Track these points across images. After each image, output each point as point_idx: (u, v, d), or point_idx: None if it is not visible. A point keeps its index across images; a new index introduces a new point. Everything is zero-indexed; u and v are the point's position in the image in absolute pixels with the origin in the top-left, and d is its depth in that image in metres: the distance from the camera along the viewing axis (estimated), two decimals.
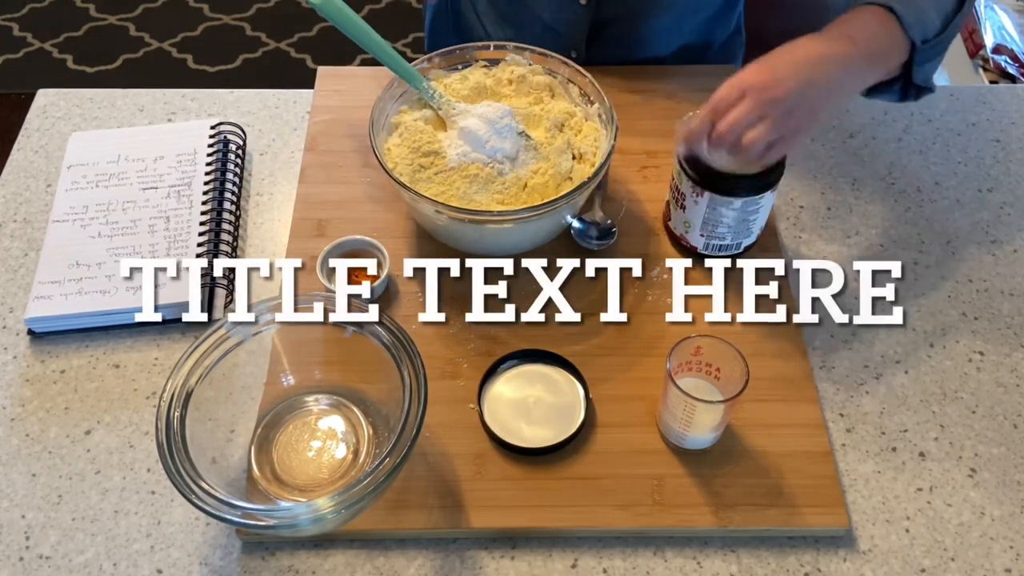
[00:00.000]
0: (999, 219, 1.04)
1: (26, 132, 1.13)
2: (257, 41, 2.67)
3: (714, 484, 0.81)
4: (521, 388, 0.87)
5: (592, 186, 0.91)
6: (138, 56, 2.62)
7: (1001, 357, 0.92)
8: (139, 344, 0.93)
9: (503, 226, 0.91)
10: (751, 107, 0.79)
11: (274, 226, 1.03)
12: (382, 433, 0.83)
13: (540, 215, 0.89)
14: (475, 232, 0.92)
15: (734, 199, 0.89)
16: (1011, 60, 1.99)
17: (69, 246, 0.98)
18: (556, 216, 0.92)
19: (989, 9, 2.10)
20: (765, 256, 0.98)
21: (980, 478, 0.84)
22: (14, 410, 0.88)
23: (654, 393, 0.86)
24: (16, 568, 0.79)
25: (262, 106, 1.16)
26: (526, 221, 0.90)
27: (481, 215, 0.90)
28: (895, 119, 1.15)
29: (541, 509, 0.80)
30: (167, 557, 0.79)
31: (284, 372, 0.87)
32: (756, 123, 0.79)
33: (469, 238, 0.94)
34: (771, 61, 0.82)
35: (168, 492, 0.83)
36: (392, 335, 0.79)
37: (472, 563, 0.79)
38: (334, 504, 0.70)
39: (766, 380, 0.87)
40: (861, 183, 1.08)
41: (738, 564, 0.79)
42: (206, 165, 1.06)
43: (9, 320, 0.95)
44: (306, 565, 0.79)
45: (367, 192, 1.04)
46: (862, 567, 0.79)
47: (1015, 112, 1.16)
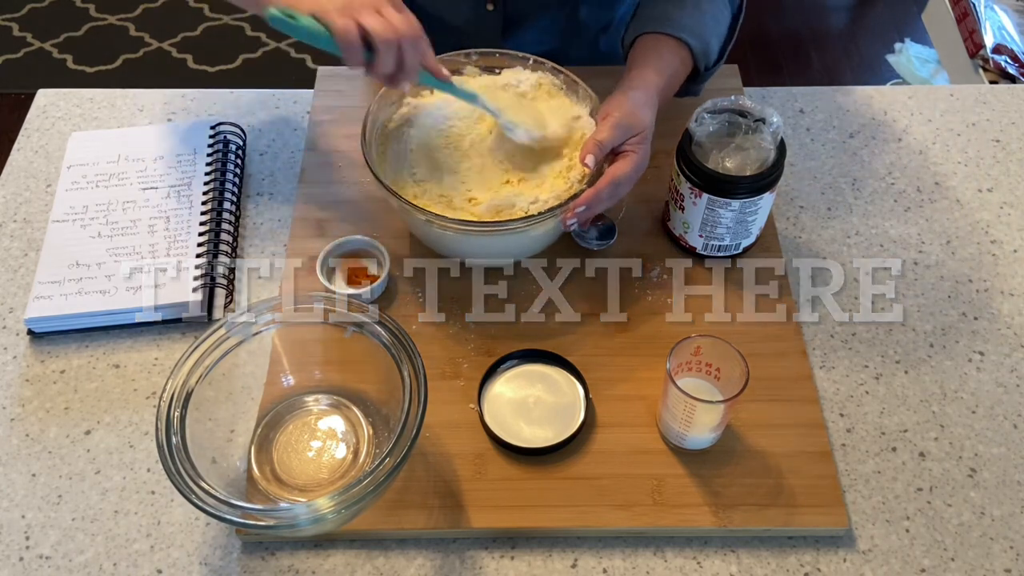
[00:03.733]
0: (999, 219, 1.04)
1: (26, 132, 1.13)
2: (257, 41, 2.67)
3: (714, 484, 0.82)
4: (521, 388, 0.87)
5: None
6: (138, 56, 2.62)
7: (1001, 357, 0.92)
8: (139, 344, 0.93)
9: (496, 236, 0.88)
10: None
11: (274, 226, 1.03)
12: (382, 433, 0.83)
13: (541, 222, 0.87)
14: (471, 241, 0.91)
15: (732, 200, 0.89)
16: (1011, 60, 1.99)
17: (69, 246, 0.98)
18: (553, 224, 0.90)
19: (989, 9, 2.10)
20: (765, 256, 0.98)
21: (980, 478, 0.84)
22: (14, 410, 0.88)
23: (654, 393, 0.87)
24: (16, 568, 0.79)
25: (262, 106, 1.16)
26: (526, 229, 0.88)
27: (471, 225, 0.87)
28: (895, 119, 1.15)
29: (541, 509, 0.80)
30: (167, 557, 0.80)
31: (284, 372, 0.87)
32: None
33: (463, 247, 0.93)
34: (639, 151, 0.89)
35: (168, 492, 0.83)
36: (392, 335, 0.79)
37: (472, 563, 0.79)
38: (334, 504, 0.70)
39: (766, 380, 0.87)
40: (861, 183, 1.08)
41: (738, 564, 0.79)
42: (206, 165, 1.06)
43: (9, 320, 0.95)
44: (306, 565, 0.79)
45: (367, 192, 1.04)
46: (862, 567, 0.79)
47: (1015, 112, 1.16)
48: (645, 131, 0.89)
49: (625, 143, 0.88)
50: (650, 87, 0.92)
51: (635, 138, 0.88)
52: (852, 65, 2.64)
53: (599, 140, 0.87)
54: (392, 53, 0.80)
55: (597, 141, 0.87)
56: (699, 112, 0.91)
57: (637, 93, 0.91)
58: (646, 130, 0.89)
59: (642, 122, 0.89)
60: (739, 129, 0.92)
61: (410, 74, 0.83)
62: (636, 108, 0.89)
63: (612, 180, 0.86)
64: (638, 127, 0.88)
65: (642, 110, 0.89)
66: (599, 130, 0.89)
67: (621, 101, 0.90)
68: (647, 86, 0.92)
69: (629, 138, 0.88)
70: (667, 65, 0.95)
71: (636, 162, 0.88)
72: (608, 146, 0.88)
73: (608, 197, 0.86)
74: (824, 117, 1.15)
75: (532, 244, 0.94)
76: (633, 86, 0.92)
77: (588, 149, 0.87)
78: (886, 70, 2.61)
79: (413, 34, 0.81)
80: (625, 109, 0.89)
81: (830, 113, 1.15)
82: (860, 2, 2.87)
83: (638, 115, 0.89)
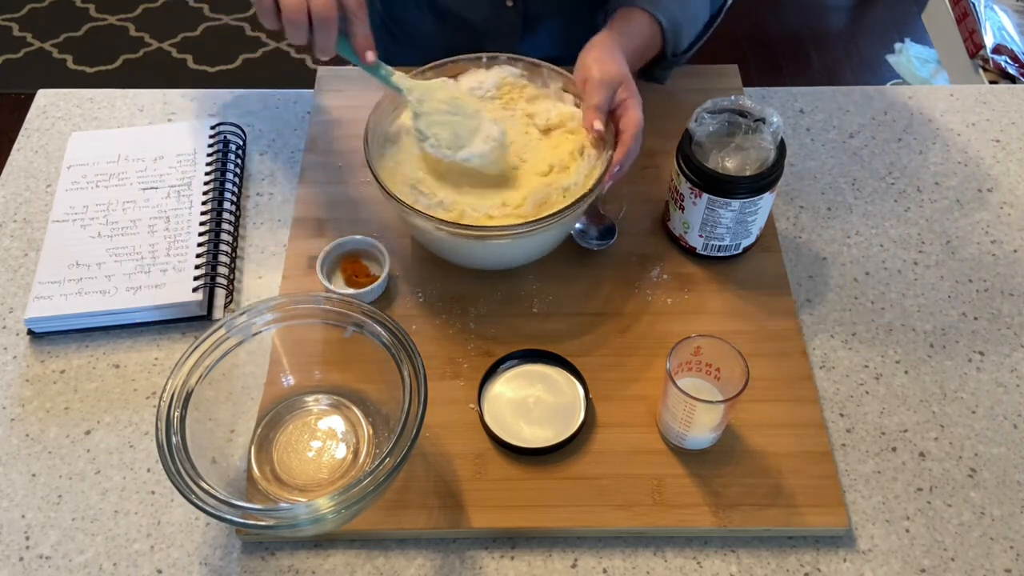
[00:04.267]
0: (999, 219, 1.04)
1: (26, 132, 1.13)
2: (257, 41, 2.68)
3: (714, 484, 0.82)
4: (521, 388, 0.87)
5: (591, 198, 0.88)
6: (138, 56, 2.62)
7: (1001, 357, 0.92)
8: (139, 344, 0.93)
9: (504, 240, 0.88)
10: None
11: (274, 226, 1.03)
12: (382, 433, 0.83)
13: (546, 227, 0.86)
14: (478, 247, 0.90)
15: (732, 200, 0.89)
16: (1011, 60, 1.99)
17: (69, 246, 0.98)
18: (561, 229, 0.90)
19: (989, 9, 2.10)
20: (765, 256, 0.98)
21: (980, 478, 0.84)
22: (14, 410, 0.88)
23: (654, 393, 0.87)
24: (16, 568, 0.79)
25: (262, 106, 1.16)
26: (531, 234, 0.86)
27: (480, 230, 0.86)
28: (895, 119, 1.15)
29: (541, 509, 0.80)
30: (167, 557, 0.80)
31: (284, 372, 0.87)
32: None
33: (471, 253, 0.93)
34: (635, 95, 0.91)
35: (168, 492, 0.83)
36: (392, 335, 0.79)
37: (472, 563, 0.79)
38: (334, 504, 0.70)
39: (766, 380, 0.87)
40: (861, 183, 1.08)
41: (738, 564, 0.79)
42: (206, 165, 1.06)
43: (9, 320, 0.95)
44: (306, 565, 0.79)
45: (367, 192, 1.04)
46: (862, 567, 0.79)
47: (1015, 112, 1.16)
48: (624, 77, 0.91)
49: (617, 95, 0.90)
50: (613, 43, 0.94)
51: (622, 88, 0.90)
52: (852, 65, 2.64)
53: (595, 104, 0.89)
54: (296, 30, 0.82)
55: (593, 106, 0.89)
56: (699, 112, 0.91)
57: (602, 50, 0.93)
58: (625, 75, 0.91)
59: (620, 71, 0.91)
60: (739, 129, 0.92)
61: (321, 51, 0.85)
62: (608, 62, 0.91)
63: (634, 131, 0.88)
64: (619, 76, 0.90)
65: (611, 64, 0.91)
66: (588, 96, 0.90)
67: (593, 61, 0.92)
68: (610, 42, 0.94)
69: (617, 89, 0.90)
70: (635, 35, 0.97)
71: (638, 104, 0.90)
72: (605, 106, 0.90)
73: (636, 149, 0.89)
74: (824, 117, 1.15)
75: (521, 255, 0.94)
76: (595, 43, 0.94)
77: (590, 116, 0.90)
78: (886, 70, 2.61)
79: (324, 15, 0.82)
80: (598, 68, 0.90)
81: (830, 113, 1.15)
82: (860, 2, 2.87)
83: (612, 67, 0.91)
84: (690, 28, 1.02)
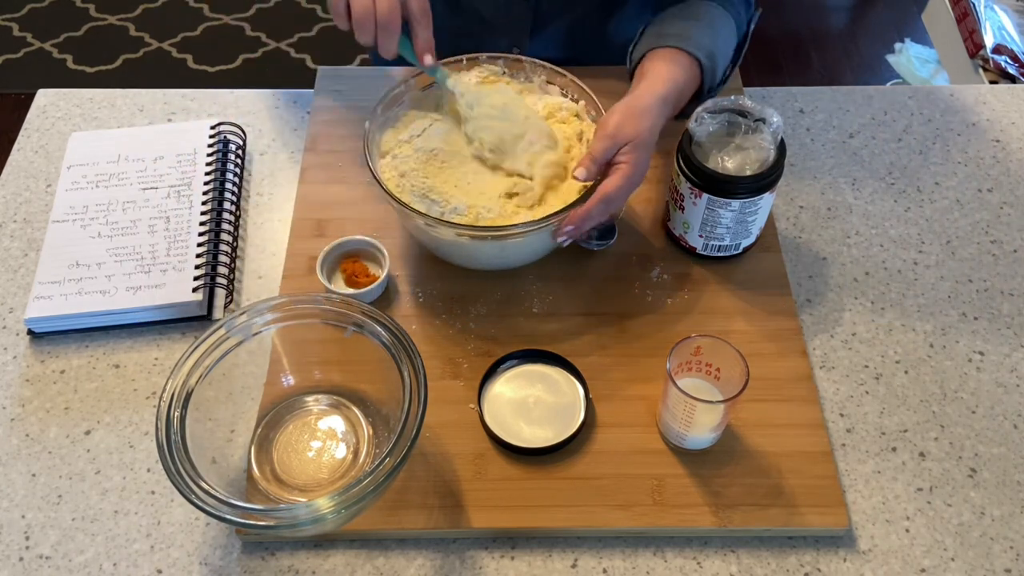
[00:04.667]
0: (999, 219, 1.04)
1: (26, 132, 1.13)
2: (257, 41, 2.67)
3: (714, 484, 0.82)
4: (521, 388, 0.87)
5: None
6: (138, 56, 2.62)
7: (1001, 357, 0.92)
8: (139, 344, 0.93)
9: (507, 240, 0.88)
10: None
11: (274, 226, 1.03)
12: (382, 433, 0.83)
13: (545, 227, 0.86)
14: (486, 247, 0.90)
15: (732, 200, 0.89)
16: (1011, 60, 1.99)
17: (69, 246, 0.98)
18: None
19: (989, 9, 2.10)
20: (765, 256, 0.98)
21: (980, 478, 0.84)
22: (14, 410, 0.88)
23: (654, 393, 0.87)
24: (16, 568, 0.79)
25: (262, 106, 1.16)
26: (532, 234, 0.87)
27: (483, 230, 0.86)
28: (895, 119, 1.15)
29: (541, 509, 0.80)
30: (167, 557, 0.80)
31: (284, 372, 0.87)
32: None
33: (474, 254, 0.92)
34: (631, 162, 0.87)
35: (168, 492, 0.83)
36: (392, 335, 0.79)
37: (472, 563, 0.79)
38: (334, 504, 0.70)
39: (766, 380, 0.87)
40: (861, 183, 1.08)
41: (738, 564, 0.79)
42: (206, 165, 1.06)
43: (9, 320, 0.95)
44: (306, 565, 0.79)
45: (367, 192, 1.04)
46: (862, 567, 0.79)
47: (1015, 112, 1.16)
48: (637, 140, 0.86)
49: (617, 154, 0.86)
50: (654, 96, 0.89)
51: (626, 147, 0.86)
52: (852, 65, 2.64)
53: (591, 153, 0.87)
54: (364, 32, 0.87)
55: (589, 154, 0.87)
56: (699, 112, 0.91)
57: (636, 102, 0.88)
58: (638, 139, 0.86)
59: (635, 131, 0.86)
60: (739, 129, 0.92)
61: (385, 51, 0.89)
62: (630, 118, 0.87)
63: (601, 198, 0.84)
64: (629, 136, 0.86)
65: (638, 119, 0.87)
66: (592, 143, 0.88)
67: (617, 111, 0.88)
68: (650, 95, 0.89)
69: (621, 148, 0.86)
70: (678, 79, 0.93)
71: (627, 175, 0.85)
72: (600, 158, 0.86)
73: (598, 214, 0.85)
74: (824, 117, 1.15)
75: (528, 253, 0.94)
76: (634, 95, 0.90)
77: (581, 162, 0.87)
78: (886, 70, 2.61)
79: (388, 20, 0.87)
80: (618, 119, 0.87)
81: (830, 113, 1.15)
82: (860, 2, 2.87)
83: (632, 124, 0.86)
84: (724, 58, 0.99)
